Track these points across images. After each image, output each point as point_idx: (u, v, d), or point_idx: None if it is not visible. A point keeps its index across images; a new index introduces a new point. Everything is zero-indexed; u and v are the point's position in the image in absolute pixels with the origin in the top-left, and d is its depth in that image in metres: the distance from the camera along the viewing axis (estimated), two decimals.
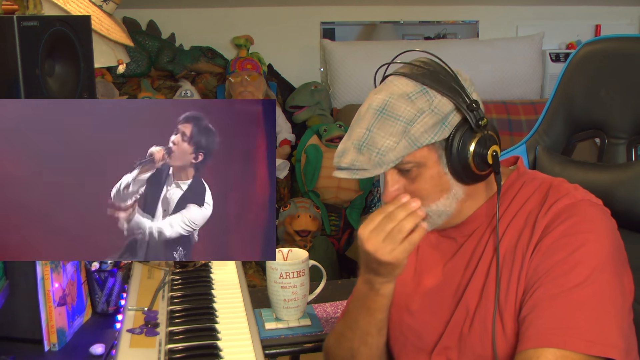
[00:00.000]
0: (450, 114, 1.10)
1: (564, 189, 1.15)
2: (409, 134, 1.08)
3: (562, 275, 1.06)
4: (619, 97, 1.36)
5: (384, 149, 1.09)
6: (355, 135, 1.12)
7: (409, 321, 1.25)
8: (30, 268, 1.21)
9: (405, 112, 1.09)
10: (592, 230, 1.08)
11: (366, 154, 1.10)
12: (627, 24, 4.27)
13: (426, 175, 1.12)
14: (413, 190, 1.13)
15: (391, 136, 1.09)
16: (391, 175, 1.14)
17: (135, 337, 1.19)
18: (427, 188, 1.13)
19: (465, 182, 1.14)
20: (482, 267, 1.16)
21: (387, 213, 1.11)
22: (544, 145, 1.46)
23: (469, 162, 1.11)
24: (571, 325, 1.03)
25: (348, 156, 1.11)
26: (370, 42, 4.05)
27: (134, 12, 3.58)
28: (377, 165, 1.09)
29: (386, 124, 1.09)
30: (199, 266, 1.52)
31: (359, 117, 1.14)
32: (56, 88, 1.35)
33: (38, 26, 1.25)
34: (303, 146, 3.44)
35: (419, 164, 1.11)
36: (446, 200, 1.14)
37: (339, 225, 3.40)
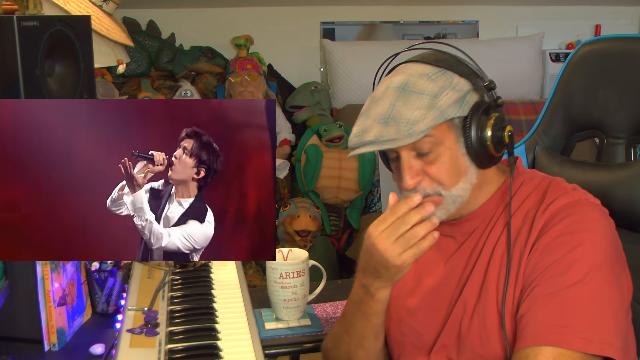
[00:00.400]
0: (468, 94, 1.13)
1: (562, 188, 1.16)
2: (435, 106, 1.09)
3: (559, 274, 1.06)
4: (618, 97, 1.36)
5: (413, 120, 1.08)
6: (378, 112, 1.11)
7: (408, 321, 1.25)
8: (30, 268, 1.21)
9: (429, 87, 1.10)
10: (590, 229, 1.09)
11: (393, 125, 1.09)
12: (627, 24, 4.27)
13: (445, 156, 1.12)
14: (432, 174, 1.13)
15: (418, 109, 1.09)
16: (408, 160, 1.13)
17: (135, 337, 1.19)
18: (447, 170, 1.13)
19: (480, 164, 1.15)
20: (481, 265, 1.16)
21: (400, 215, 1.10)
22: (543, 145, 1.46)
23: (487, 141, 1.12)
24: (568, 323, 1.03)
25: (372, 131, 1.10)
26: (370, 42, 4.05)
27: (134, 12, 3.58)
28: (408, 136, 1.08)
29: (411, 99, 1.10)
30: (199, 266, 1.52)
31: (377, 98, 1.13)
32: (56, 88, 1.35)
33: (38, 26, 1.25)
34: (303, 146, 3.44)
35: (439, 142, 1.11)
36: (463, 184, 1.14)
37: (339, 225, 3.40)
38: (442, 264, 1.23)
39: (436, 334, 1.20)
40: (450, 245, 1.22)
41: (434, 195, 1.14)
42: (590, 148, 1.65)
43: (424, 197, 1.13)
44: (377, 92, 1.15)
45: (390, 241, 1.10)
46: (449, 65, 1.13)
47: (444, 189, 1.13)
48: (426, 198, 1.13)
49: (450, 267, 1.21)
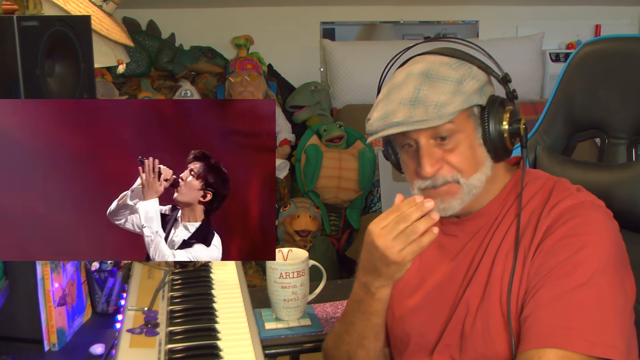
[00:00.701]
0: (486, 85, 1.15)
1: (567, 189, 1.15)
2: (461, 91, 1.11)
3: (564, 276, 1.06)
4: (619, 97, 1.36)
5: (441, 102, 1.09)
6: (402, 95, 1.12)
7: (411, 320, 1.25)
8: (30, 268, 1.21)
9: (452, 74, 1.12)
10: (595, 231, 1.09)
11: (421, 108, 1.09)
12: (627, 24, 4.27)
13: (464, 144, 1.13)
14: (452, 161, 1.13)
15: (444, 94, 1.10)
16: (428, 147, 1.13)
17: (135, 337, 1.19)
18: (466, 157, 1.13)
19: (495, 156, 1.16)
20: (485, 264, 1.16)
21: (400, 212, 1.11)
22: (544, 145, 1.46)
23: (505, 133, 1.14)
24: (572, 326, 1.03)
25: (399, 114, 1.10)
26: (370, 42, 4.05)
27: (134, 12, 3.58)
28: (437, 117, 1.09)
29: (436, 84, 1.11)
30: (199, 266, 1.52)
31: (398, 84, 1.14)
32: (56, 88, 1.34)
33: (38, 26, 1.25)
34: (303, 146, 3.44)
35: (458, 130, 1.12)
36: (480, 174, 1.15)
37: (339, 225, 3.40)
38: (446, 263, 1.23)
39: (439, 334, 1.20)
40: (454, 245, 1.22)
41: (452, 183, 1.14)
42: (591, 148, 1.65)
43: (442, 184, 1.14)
44: (397, 79, 1.16)
45: (390, 237, 1.10)
46: (465, 58, 1.16)
47: (462, 176, 1.14)
48: (443, 187, 1.14)
49: (454, 266, 1.21)
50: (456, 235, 1.22)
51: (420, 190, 1.17)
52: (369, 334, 1.23)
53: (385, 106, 1.13)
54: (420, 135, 1.13)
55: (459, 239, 1.22)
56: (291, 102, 3.70)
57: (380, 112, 1.13)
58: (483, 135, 1.14)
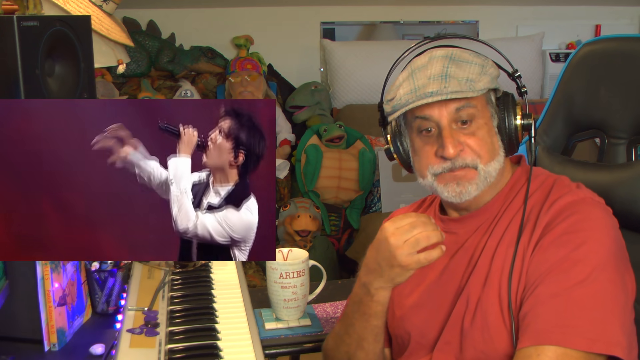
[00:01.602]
0: (498, 79, 1.18)
1: (566, 186, 1.16)
2: (486, 72, 1.14)
3: (563, 272, 1.06)
4: (619, 97, 1.36)
5: (471, 78, 1.12)
6: (431, 72, 1.13)
7: (412, 318, 1.25)
8: (30, 268, 1.21)
9: (475, 59, 1.16)
10: (594, 228, 1.09)
11: (454, 81, 1.12)
12: (627, 24, 4.27)
13: (483, 130, 1.15)
14: (473, 145, 1.15)
15: (472, 73, 1.13)
16: (450, 129, 1.14)
17: (135, 337, 1.19)
18: (486, 143, 1.15)
19: (508, 146, 1.18)
20: (484, 261, 1.16)
21: (418, 218, 1.14)
22: (544, 145, 1.46)
23: (518, 126, 1.17)
24: (572, 323, 1.03)
25: (431, 86, 1.12)
26: (370, 42, 4.05)
27: (134, 12, 3.58)
28: (471, 90, 1.12)
29: (462, 66, 1.14)
30: (199, 266, 1.52)
31: (422, 65, 1.16)
32: (56, 88, 1.34)
33: (38, 26, 1.25)
34: (303, 146, 3.44)
35: (478, 115, 1.15)
36: (496, 164, 1.17)
37: (339, 225, 3.40)
38: (446, 261, 1.23)
39: (439, 331, 1.20)
40: (454, 242, 1.22)
41: (470, 168, 1.15)
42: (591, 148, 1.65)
43: (460, 167, 1.15)
44: (418, 62, 1.17)
45: (403, 239, 1.13)
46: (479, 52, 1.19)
47: (481, 161, 1.15)
48: (460, 171, 1.15)
49: (454, 264, 1.21)
50: (456, 232, 1.22)
51: (434, 176, 1.17)
52: (368, 336, 1.23)
53: (412, 82, 1.14)
54: (443, 117, 1.14)
55: (459, 236, 1.22)
56: (291, 102, 3.70)
57: (407, 88, 1.14)
58: (499, 124, 1.17)
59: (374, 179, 3.41)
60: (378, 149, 3.46)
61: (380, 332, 1.25)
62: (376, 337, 1.24)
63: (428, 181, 1.18)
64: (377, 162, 3.39)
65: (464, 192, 1.16)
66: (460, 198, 1.16)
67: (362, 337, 1.24)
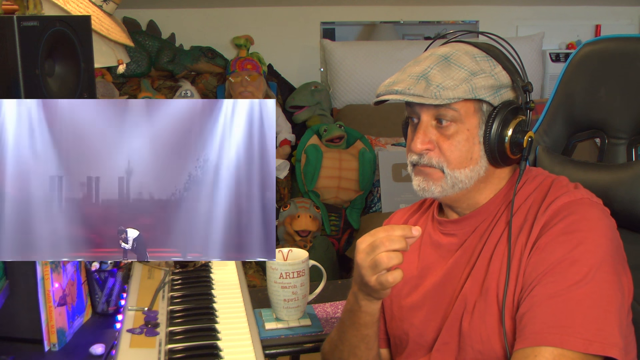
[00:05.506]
0: (504, 88, 1.15)
1: (564, 187, 1.15)
2: (471, 82, 1.12)
3: (559, 273, 1.06)
4: (619, 97, 1.36)
5: (443, 85, 1.11)
6: (414, 70, 1.14)
7: (411, 319, 1.25)
8: (30, 268, 1.21)
9: (470, 65, 1.14)
10: (591, 228, 1.08)
11: (423, 84, 1.11)
12: (627, 24, 4.27)
13: (462, 135, 1.14)
14: (444, 148, 1.14)
15: (452, 79, 1.12)
16: (427, 126, 1.15)
17: (135, 337, 1.19)
18: (459, 150, 1.14)
19: (492, 159, 1.16)
20: (482, 262, 1.16)
21: (385, 233, 1.08)
22: (544, 145, 1.45)
23: (506, 139, 1.14)
24: (569, 324, 1.03)
25: (403, 83, 1.13)
26: (370, 42, 4.05)
27: (134, 12, 3.58)
28: (433, 97, 1.10)
29: (450, 68, 1.13)
30: (199, 266, 1.52)
31: (419, 60, 1.17)
32: (56, 88, 1.34)
33: (38, 26, 1.25)
34: (303, 146, 3.44)
35: (460, 120, 1.13)
36: (470, 172, 1.15)
37: (339, 225, 3.40)
38: (444, 262, 1.23)
39: (437, 332, 1.20)
40: (453, 244, 1.22)
41: (437, 170, 1.15)
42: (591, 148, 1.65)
43: (426, 165, 1.15)
44: (421, 55, 1.19)
45: (368, 260, 1.08)
46: (496, 56, 1.17)
47: (448, 166, 1.14)
48: (427, 168, 1.15)
49: (452, 265, 1.21)
50: (455, 234, 1.22)
51: (412, 165, 1.19)
52: (360, 344, 1.23)
53: (397, 76, 1.16)
54: (424, 112, 1.15)
55: (457, 237, 1.22)
56: (291, 102, 3.70)
57: (390, 79, 1.16)
58: (484, 134, 1.15)
59: (374, 179, 3.42)
60: (378, 149, 3.46)
61: (373, 340, 1.24)
62: (368, 345, 1.24)
63: (409, 168, 1.20)
64: (377, 162, 3.39)
65: (427, 189, 1.17)
66: (423, 194, 1.18)
67: (354, 345, 1.24)
